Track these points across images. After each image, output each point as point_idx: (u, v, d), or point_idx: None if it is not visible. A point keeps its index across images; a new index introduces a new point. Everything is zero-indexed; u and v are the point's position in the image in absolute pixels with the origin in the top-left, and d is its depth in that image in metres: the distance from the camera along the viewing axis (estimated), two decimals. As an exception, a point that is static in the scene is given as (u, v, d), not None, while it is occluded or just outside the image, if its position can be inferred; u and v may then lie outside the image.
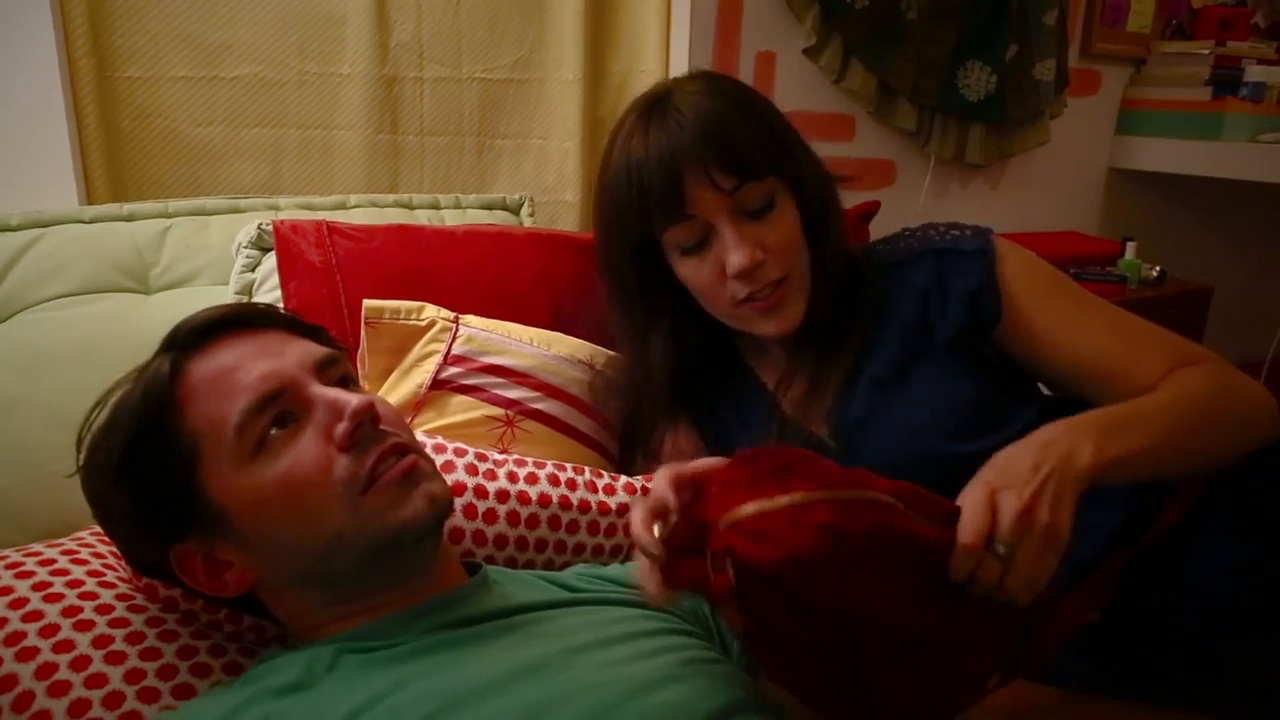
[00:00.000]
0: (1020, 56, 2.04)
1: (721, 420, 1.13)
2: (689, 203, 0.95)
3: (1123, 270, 2.08)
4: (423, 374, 1.09)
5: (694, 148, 0.94)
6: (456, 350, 1.11)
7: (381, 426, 0.77)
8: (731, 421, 1.12)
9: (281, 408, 0.75)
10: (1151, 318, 2.07)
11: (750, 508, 0.65)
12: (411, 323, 1.11)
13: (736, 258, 0.96)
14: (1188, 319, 2.16)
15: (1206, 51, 2.25)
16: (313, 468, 0.73)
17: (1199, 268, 2.31)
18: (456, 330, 1.12)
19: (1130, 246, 2.15)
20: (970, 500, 0.70)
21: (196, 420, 0.74)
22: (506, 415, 1.10)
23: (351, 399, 0.75)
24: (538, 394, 1.12)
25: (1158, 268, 2.12)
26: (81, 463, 0.79)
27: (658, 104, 0.98)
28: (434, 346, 1.11)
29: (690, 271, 1.01)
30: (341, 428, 0.74)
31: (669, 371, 1.09)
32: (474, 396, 1.10)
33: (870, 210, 1.63)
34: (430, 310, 1.13)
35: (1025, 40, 2.03)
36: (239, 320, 0.80)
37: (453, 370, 1.10)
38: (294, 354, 0.78)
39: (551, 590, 0.88)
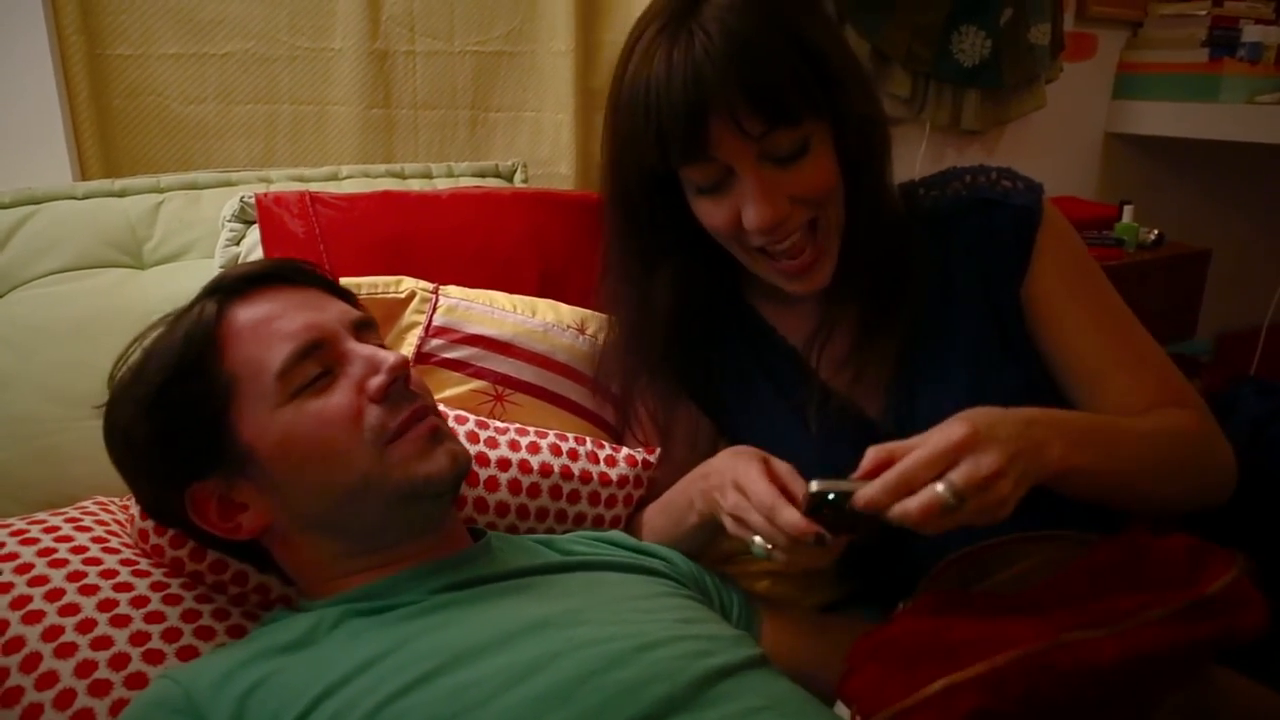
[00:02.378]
0: (1015, 20, 2.02)
1: (748, 384, 1.03)
2: (711, 144, 0.82)
3: (1120, 234, 2.08)
4: (406, 348, 1.08)
5: (720, 83, 0.79)
6: (438, 321, 1.09)
7: (411, 387, 0.81)
8: (765, 388, 1.02)
9: (321, 358, 0.78)
10: (1149, 281, 2.07)
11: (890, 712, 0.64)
12: (390, 295, 1.09)
13: (755, 214, 0.84)
14: (1186, 282, 2.16)
15: (1203, 12, 2.24)
16: (345, 413, 0.76)
17: (1197, 231, 2.30)
18: (436, 300, 1.11)
19: (1128, 210, 2.14)
20: (943, 435, 0.69)
21: (236, 362, 0.77)
22: (495, 390, 1.09)
23: (388, 356, 0.79)
24: (524, 364, 1.10)
25: (1155, 231, 2.12)
26: (112, 395, 0.81)
27: (683, 15, 0.82)
28: (415, 319, 1.09)
29: (705, 212, 0.89)
30: (378, 380, 0.77)
31: (672, 315, 0.98)
32: (461, 372, 1.09)
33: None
34: (408, 282, 1.11)
35: (1020, 4, 2.02)
36: (282, 274, 0.84)
37: (435, 342, 1.08)
38: (333, 311, 0.82)
39: (552, 555, 0.89)
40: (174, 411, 0.76)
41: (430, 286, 1.12)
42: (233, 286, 0.81)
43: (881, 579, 1.01)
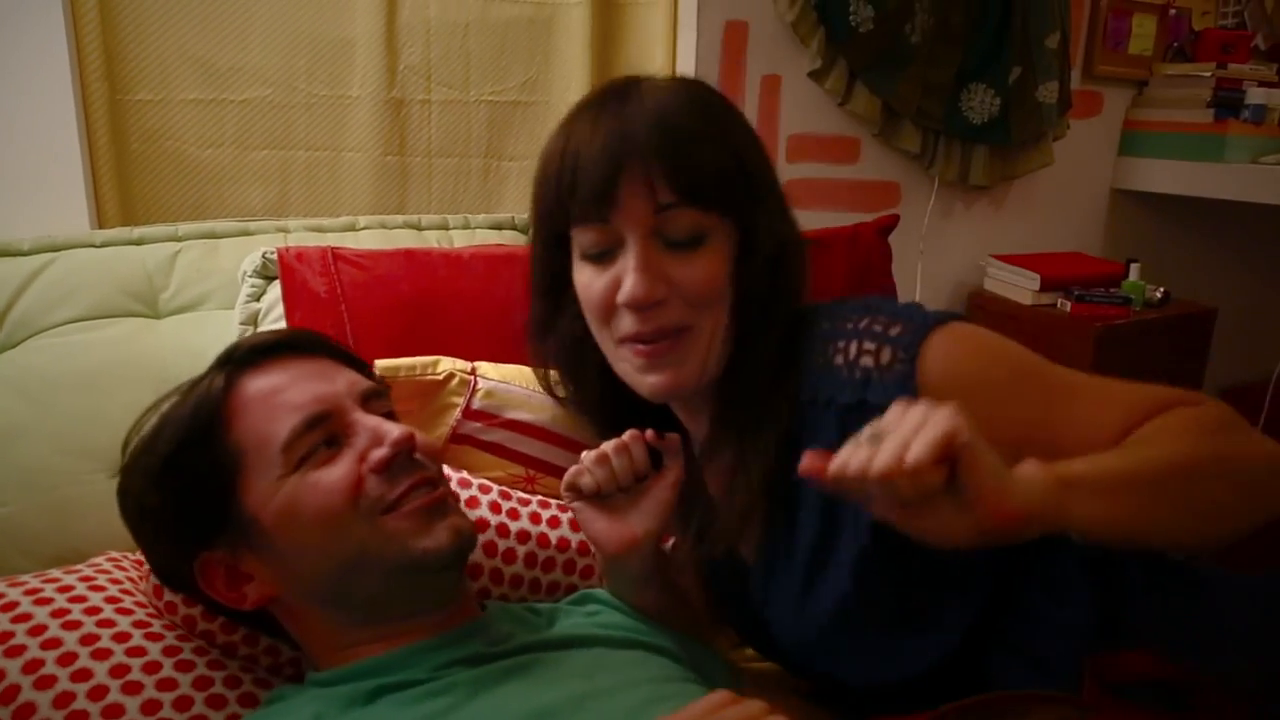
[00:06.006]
0: (1023, 79, 2.04)
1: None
2: (616, 204, 0.79)
3: (1127, 291, 2.08)
4: (442, 428, 1.08)
5: (644, 142, 0.77)
6: (476, 405, 1.09)
7: (417, 456, 0.80)
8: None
9: (327, 429, 0.78)
10: (1156, 340, 2.08)
11: None
12: (429, 377, 1.09)
13: (631, 284, 0.78)
14: (1192, 340, 2.16)
15: (1208, 74, 2.26)
16: (344, 484, 0.76)
17: (1203, 289, 2.30)
18: (475, 384, 1.10)
19: (1134, 268, 2.15)
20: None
21: (243, 433, 0.78)
22: (527, 473, 1.10)
23: (393, 429, 0.79)
24: (555, 448, 1.11)
25: (1162, 289, 2.12)
26: (125, 463, 0.82)
27: (620, 90, 0.82)
28: (452, 400, 1.09)
29: (585, 280, 0.84)
30: (380, 453, 0.77)
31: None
32: (496, 455, 1.09)
33: (889, 224, 1.64)
34: (445, 363, 1.11)
35: (1028, 62, 2.04)
36: (293, 344, 0.85)
37: (472, 425, 1.09)
38: (343, 381, 0.82)
39: (545, 628, 0.89)
40: (181, 482, 0.77)
41: (468, 367, 1.12)
42: (244, 358, 0.82)
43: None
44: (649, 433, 0.89)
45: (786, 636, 0.86)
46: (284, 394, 0.79)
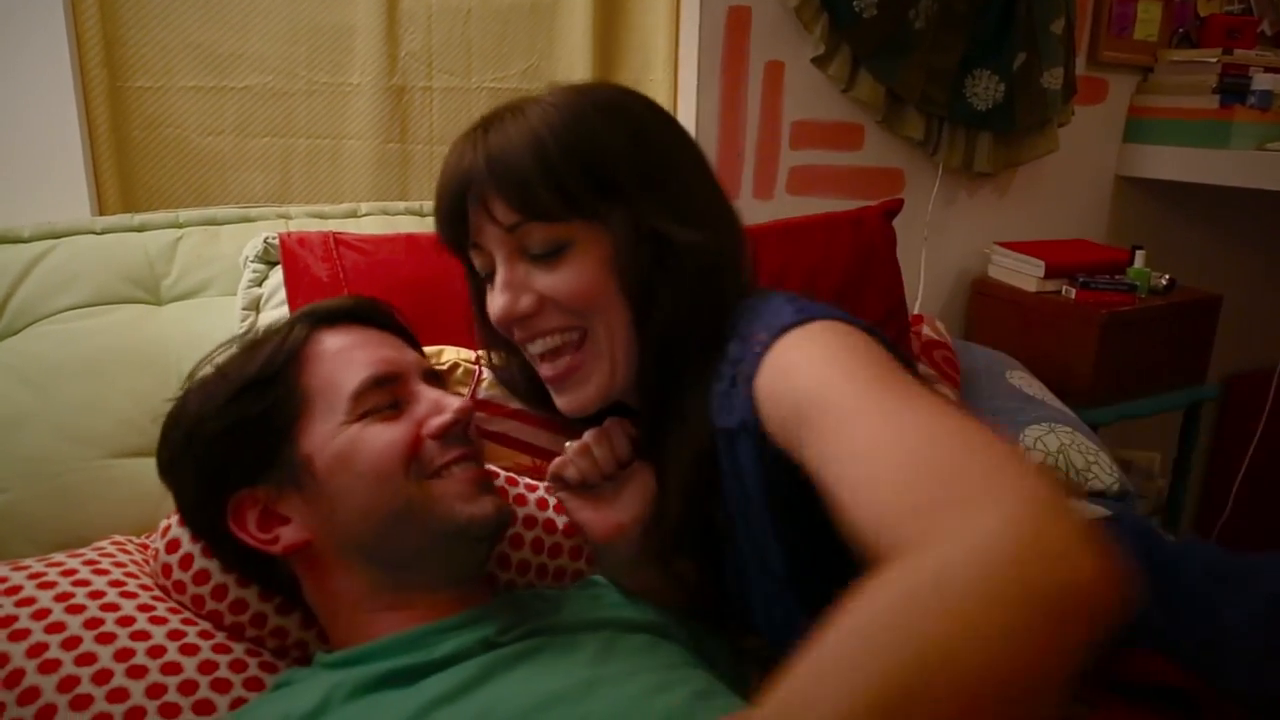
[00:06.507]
0: (1028, 65, 2.03)
1: None
2: (473, 230, 0.84)
3: (1132, 278, 2.07)
4: None
5: (478, 173, 0.81)
6: (481, 395, 1.09)
7: (469, 434, 0.85)
8: None
9: (392, 392, 0.83)
10: (1161, 327, 2.06)
11: None
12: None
13: (497, 303, 0.84)
14: (1197, 327, 2.16)
15: (1213, 59, 2.25)
16: (401, 443, 0.80)
17: (1208, 276, 2.29)
18: (479, 374, 1.10)
19: (1139, 255, 2.14)
20: None
21: (314, 379, 0.81)
22: (534, 463, 1.10)
23: (455, 400, 0.84)
24: (564, 439, 1.08)
25: (1167, 276, 2.11)
26: (187, 390, 0.85)
27: (486, 119, 0.85)
28: (457, 390, 1.09)
29: (487, 301, 0.88)
30: (442, 418, 0.82)
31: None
32: (502, 445, 1.09)
33: (894, 207, 1.63)
34: (450, 353, 1.11)
35: (1033, 48, 2.03)
36: (370, 315, 0.91)
37: (477, 415, 1.06)
38: (410, 356, 0.88)
39: (555, 614, 0.88)
40: (246, 413, 0.80)
41: (472, 356, 1.12)
42: (324, 315, 0.87)
43: None
44: (626, 420, 0.90)
45: (770, 635, 0.87)
46: (359, 350, 0.84)
